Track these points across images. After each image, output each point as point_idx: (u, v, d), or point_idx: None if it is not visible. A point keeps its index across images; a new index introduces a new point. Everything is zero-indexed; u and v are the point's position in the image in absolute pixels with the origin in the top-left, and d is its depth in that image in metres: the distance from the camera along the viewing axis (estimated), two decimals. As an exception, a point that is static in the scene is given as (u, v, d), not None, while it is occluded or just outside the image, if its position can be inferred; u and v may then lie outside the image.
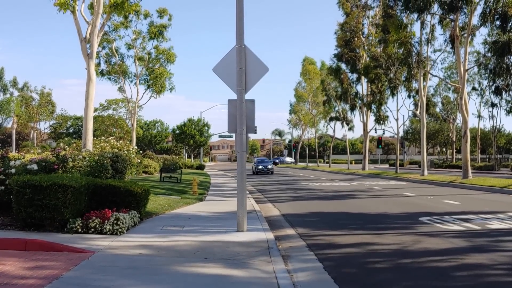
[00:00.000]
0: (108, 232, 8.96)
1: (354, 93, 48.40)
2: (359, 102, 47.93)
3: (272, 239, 9.22)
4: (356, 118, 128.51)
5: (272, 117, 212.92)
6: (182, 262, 7.19)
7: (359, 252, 8.58)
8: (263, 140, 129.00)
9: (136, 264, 6.96)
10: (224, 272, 6.70)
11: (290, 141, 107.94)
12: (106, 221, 9.08)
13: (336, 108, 58.05)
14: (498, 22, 26.20)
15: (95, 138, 22.09)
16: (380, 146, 53.64)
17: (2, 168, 10.35)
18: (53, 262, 6.92)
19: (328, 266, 7.41)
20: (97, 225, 8.98)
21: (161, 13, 40.66)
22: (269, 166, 49.12)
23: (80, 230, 8.90)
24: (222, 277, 6.43)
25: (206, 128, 67.40)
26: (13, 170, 10.28)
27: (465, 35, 28.75)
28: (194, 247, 8.28)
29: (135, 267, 6.78)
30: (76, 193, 8.91)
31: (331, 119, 61.69)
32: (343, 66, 47.99)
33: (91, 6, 27.19)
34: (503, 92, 48.20)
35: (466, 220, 12.16)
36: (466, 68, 30.38)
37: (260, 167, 48.34)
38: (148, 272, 6.57)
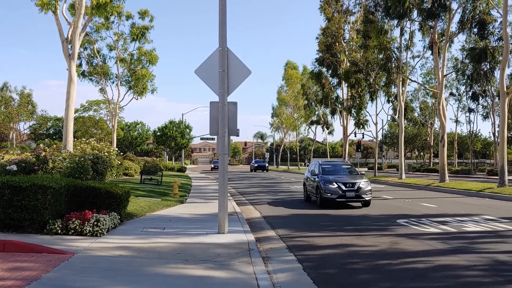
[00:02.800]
0: (88, 234, 8.93)
1: (334, 97, 48.74)
2: (340, 106, 48.29)
3: (252, 241, 9.30)
4: (336, 122, 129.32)
5: (255, 120, 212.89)
6: (163, 263, 7.21)
7: (338, 253, 8.72)
8: (245, 143, 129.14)
9: (116, 266, 6.97)
10: (204, 273, 6.75)
11: (272, 144, 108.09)
12: (86, 222, 9.05)
13: (317, 112, 58.42)
14: (475, 29, 26.75)
15: (75, 139, 21.86)
16: (359, 150, 54.23)
17: (-20, 169, 10.24)
18: (32, 263, 6.88)
19: (308, 267, 7.52)
20: (77, 227, 8.95)
21: (143, 14, 40.43)
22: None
23: (59, 231, 8.85)
24: (202, 278, 6.48)
25: (187, 130, 67.07)
26: (-9, 171, 10.18)
27: (444, 41, 29.27)
28: (175, 249, 8.31)
29: (115, 269, 6.79)
30: (56, 194, 8.86)
31: (312, 122, 62.11)
32: (325, 70, 48.34)
33: (72, 7, 26.97)
34: (480, 98, 49.23)
35: (443, 223, 12.41)
36: (444, 73, 30.94)
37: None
38: (128, 273, 6.58)
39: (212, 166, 70.89)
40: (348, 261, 8.04)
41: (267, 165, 67.46)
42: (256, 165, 66.79)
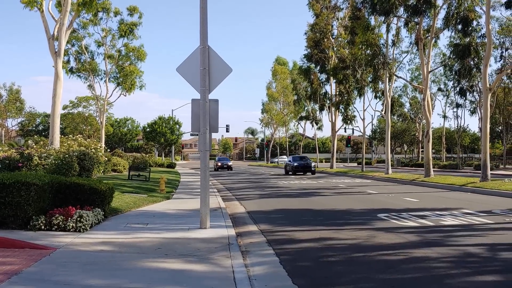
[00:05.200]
0: (72, 229, 9.10)
1: (323, 93, 49.11)
2: (328, 102, 48.66)
3: (233, 236, 9.51)
4: (325, 117, 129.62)
5: (246, 115, 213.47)
6: (143, 258, 7.41)
7: (316, 246, 8.95)
8: (236, 139, 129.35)
9: (97, 260, 7.15)
10: (183, 267, 6.96)
11: (262, 139, 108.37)
12: (69, 218, 9.22)
13: (306, 108, 58.74)
14: (459, 26, 27.08)
15: (64, 136, 21.96)
16: (349, 145, 54.70)
17: (-35, 166, 10.36)
18: (13, 258, 7.04)
19: (284, 260, 7.74)
20: (61, 222, 9.11)
21: (132, 11, 40.36)
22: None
23: (43, 227, 9.01)
24: (180, 272, 6.68)
25: (177, 126, 67.18)
26: (-25, 168, 10.29)
27: (429, 37, 29.60)
28: (156, 244, 8.50)
29: (96, 263, 6.97)
30: (39, 190, 9.01)
31: (301, 118, 62.43)
32: (313, 66, 48.63)
33: (59, 4, 26.94)
34: (467, 93, 49.71)
35: (422, 217, 12.70)
36: (430, 69, 31.29)
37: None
38: (108, 267, 6.77)
39: (219, 164, 56.19)
40: (324, 254, 8.28)
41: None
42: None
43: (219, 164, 55.28)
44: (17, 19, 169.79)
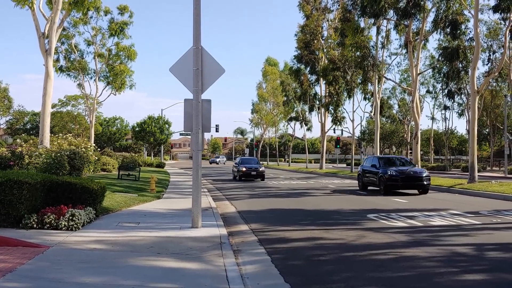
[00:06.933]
0: (64, 228, 9.12)
1: (313, 94, 49.37)
2: (318, 103, 48.92)
3: (225, 235, 9.59)
4: (314, 118, 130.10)
5: (236, 115, 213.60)
6: (135, 256, 7.46)
7: (307, 246, 9.07)
8: (225, 139, 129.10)
9: (90, 258, 7.20)
10: (176, 265, 7.02)
11: (252, 140, 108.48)
12: (61, 217, 9.24)
13: (296, 109, 58.93)
14: (448, 29, 27.41)
15: (53, 134, 21.87)
16: (338, 146, 55.01)
17: (-45, 164, 10.32)
18: (7, 256, 7.06)
19: (276, 259, 7.84)
20: (53, 221, 9.13)
21: (122, 10, 40.23)
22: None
23: (35, 225, 9.02)
24: (173, 270, 6.75)
25: (167, 125, 67.05)
26: (-34, 166, 10.27)
27: (418, 40, 29.91)
28: (148, 242, 8.56)
29: (89, 261, 7.02)
30: (31, 189, 9.02)
31: (291, 119, 62.67)
32: (303, 67, 48.84)
33: (50, 2, 26.83)
34: (455, 95, 50.23)
35: (411, 217, 12.89)
36: (419, 72, 31.61)
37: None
38: (101, 265, 6.82)
39: (244, 170, 42.74)
40: (315, 253, 8.39)
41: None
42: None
43: (244, 169, 32.24)
44: (4, 17, 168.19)
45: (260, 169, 32.80)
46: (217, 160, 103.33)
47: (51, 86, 20.92)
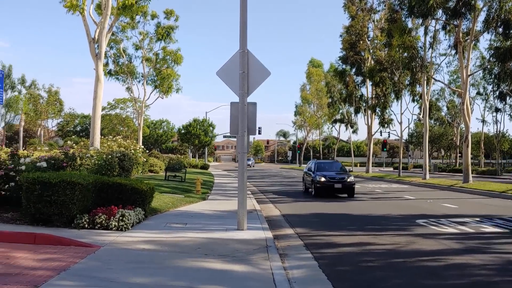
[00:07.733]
0: (114, 228, 9.33)
1: (359, 96, 48.65)
2: (364, 105, 48.15)
3: (270, 238, 9.57)
4: (360, 120, 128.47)
5: (278, 118, 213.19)
6: (183, 257, 7.55)
7: (354, 251, 8.92)
8: (268, 141, 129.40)
9: (140, 258, 7.33)
10: (223, 267, 7.05)
11: (294, 142, 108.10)
12: (112, 217, 9.46)
13: (341, 111, 58.25)
14: (500, 29, 26.41)
15: (102, 136, 22.48)
16: (385, 149, 53.91)
17: (13, 165, 10.73)
18: (61, 255, 7.30)
19: (323, 264, 7.74)
20: (103, 221, 9.36)
21: (168, 14, 41.05)
22: None
23: (86, 225, 9.28)
24: (221, 272, 6.78)
25: (211, 128, 67.77)
26: (23, 167, 10.65)
27: (469, 40, 28.97)
28: (196, 244, 8.64)
29: (139, 261, 7.15)
30: (83, 190, 9.29)
31: (336, 121, 61.94)
32: (349, 68, 48.26)
33: (99, 7, 27.63)
34: (507, 97, 48.38)
35: (462, 223, 12.46)
36: (469, 73, 30.60)
37: None
38: (150, 265, 6.93)
39: (323, 180, 36.43)
40: (364, 259, 8.24)
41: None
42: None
43: (323, 180, 21.50)
44: (55, 22, 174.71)
45: (349, 180, 21.67)
46: (249, 162, 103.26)
47: (101, 90, 21.53)
